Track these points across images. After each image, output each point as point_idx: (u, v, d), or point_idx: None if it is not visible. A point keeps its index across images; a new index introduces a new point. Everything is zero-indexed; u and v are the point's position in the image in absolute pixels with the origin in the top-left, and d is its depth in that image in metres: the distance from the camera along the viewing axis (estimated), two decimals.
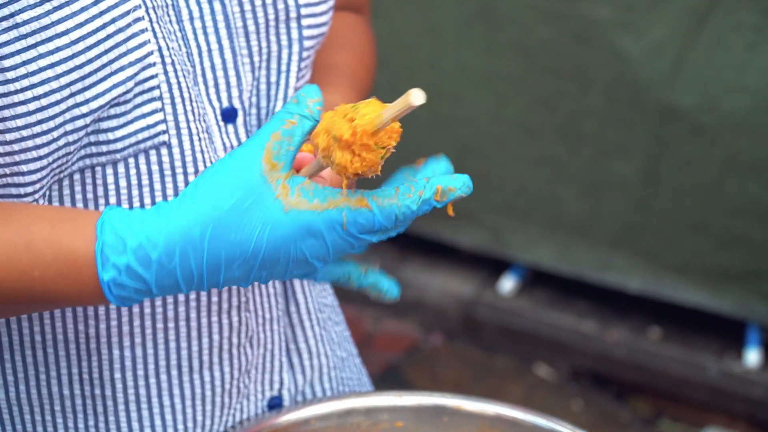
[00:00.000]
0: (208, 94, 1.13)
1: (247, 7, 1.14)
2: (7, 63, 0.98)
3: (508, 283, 3.51)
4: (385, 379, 3.35)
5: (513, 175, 3.30)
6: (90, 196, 1.09)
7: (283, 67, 1.18)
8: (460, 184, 0.96)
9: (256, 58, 1.16)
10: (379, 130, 0.94)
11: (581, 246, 3.29)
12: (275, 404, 1.26)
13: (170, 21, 1.09)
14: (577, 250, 3.30)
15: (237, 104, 1.15)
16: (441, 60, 3.27)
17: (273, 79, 1.18)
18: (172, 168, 1.10)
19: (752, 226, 3.02)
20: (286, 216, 0.94)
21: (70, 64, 1.00)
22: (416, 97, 0.90)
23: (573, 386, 3.33)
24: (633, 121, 3.07)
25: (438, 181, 0.96)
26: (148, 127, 1.08)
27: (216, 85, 1.13)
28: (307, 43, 1.18)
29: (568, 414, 3.18)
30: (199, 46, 1.12)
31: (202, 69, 1.12)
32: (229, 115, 1.15)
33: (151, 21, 1.06)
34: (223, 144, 1.15)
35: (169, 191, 1.11)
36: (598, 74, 3.07)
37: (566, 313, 3.41)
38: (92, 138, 1.06)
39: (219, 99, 1.14)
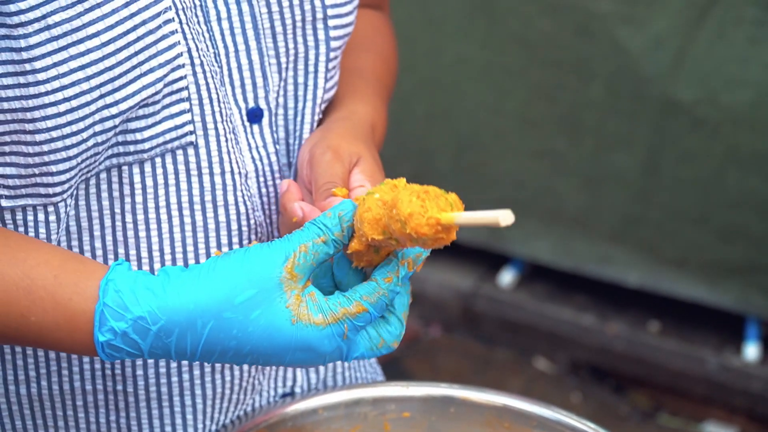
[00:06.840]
0: (234, 95, 1.13)
1: (275, 8, 1.13)
2: (38, 64, 0.98)
3: (507, 276, 3.51)
4: (385, 370, 3.34)
5: (512, 168, 3.30)
6: (116, 194, 1.09)
7: (311, 68, 1.18)
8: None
9: (283, 59, 1.16)
10: (446, 228, 0.98)
11: (580, 239, 3.28)
12: None
13: (199, 22, 1.09)
14: (576, 244, 3.29)
15: (263, 105, 1.15)
16: (441, 52, 3.27)
17: (301, 80, 1.18)
18: (199, 168, 1.11)
19: (752, 219, 3.02)
20: (290, 327, 0.96)
21: (101, 65, 1.00)
22: (505, 219, 0.93)
23: (572, 379, 3.33)
24: (634, 113, 3.07)
25: (407, 253, 1.00)
26: (176, 127, 1.08)
27: (242, 86, 1.14)
28: (333, 44, 1.18)
29: (567, 407, 3.18)
30: (226, 47, 1.12)
31: (229, 69, 1.12)
32: (254, 116, 1.15)
33: (180, 22, 1.06)
34: (248, 144, 1.15)
35: (195, 191, 1.12)
36: (599, 67, 3.06)
37: (565, 306, 3.41)
38: (120, 138, 1.06)
39: (245, 99, 1.14)
